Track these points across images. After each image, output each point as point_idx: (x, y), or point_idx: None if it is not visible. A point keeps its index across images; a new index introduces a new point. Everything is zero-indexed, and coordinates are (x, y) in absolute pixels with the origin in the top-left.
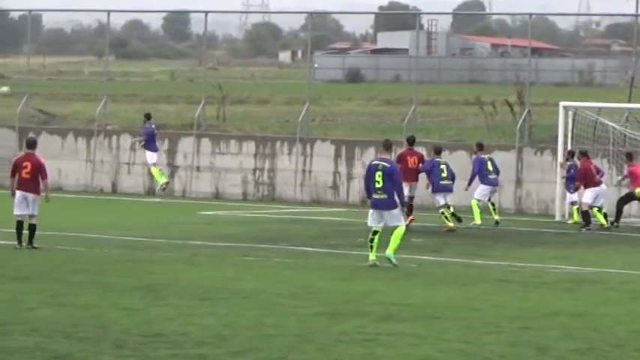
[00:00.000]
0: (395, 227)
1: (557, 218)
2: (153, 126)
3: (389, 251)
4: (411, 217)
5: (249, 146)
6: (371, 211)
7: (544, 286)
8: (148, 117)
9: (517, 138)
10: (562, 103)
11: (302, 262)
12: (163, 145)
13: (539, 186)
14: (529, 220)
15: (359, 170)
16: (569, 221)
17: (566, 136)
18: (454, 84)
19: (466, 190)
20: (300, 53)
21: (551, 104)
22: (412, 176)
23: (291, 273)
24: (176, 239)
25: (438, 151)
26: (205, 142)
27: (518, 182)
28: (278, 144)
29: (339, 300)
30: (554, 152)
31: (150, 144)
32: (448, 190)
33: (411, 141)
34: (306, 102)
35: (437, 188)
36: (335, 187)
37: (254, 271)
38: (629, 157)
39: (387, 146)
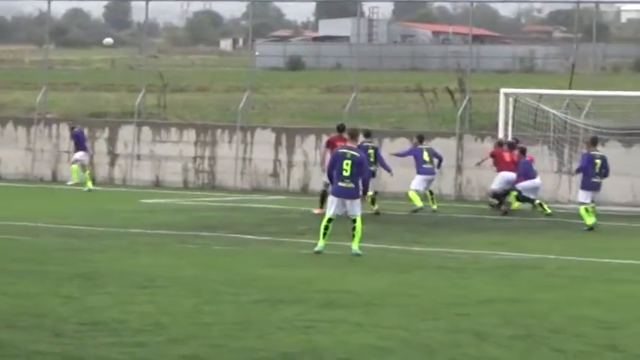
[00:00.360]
0: (355, 217)
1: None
2: (76, 129)
3: (355, 246)
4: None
5: (190, 134)
6: (334, 199)
7: (482, 273)
8: (72, 127)
9: (458, 125)
10: (503, 90)
11: (242, 249)
12: (104, 134)
13: (479, 173)
14: (469, 206)
15: (299, 158)
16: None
17: (506, 122)
18: (395, 71)
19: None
20: (241, 41)
21: (492, 91)
22: None
23: (231, 261)
24: (116, 227)
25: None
26: (146, 131)
27: (459, 169)
28: (218, 132)
29: (278, 287)
30: (495, 139)
31: (79, 146)
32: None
33: (341, 129)
34: (246, 90)
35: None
36: (275, 174)
37: (193, 259)
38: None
39: (353, 134)
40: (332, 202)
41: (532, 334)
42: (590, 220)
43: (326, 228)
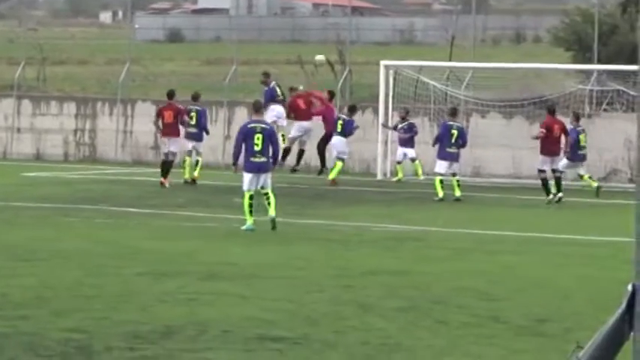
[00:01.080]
0: (266, 190)
1: (379, 177)
2: None
3: (273, 212)
4: None
5: (70, 107)
6: (248, 175)
7: (365, 245)
8: None
9: (338, 97)
10: (382, 62)
11: (124, 222)
12: None
13: (360, 145)
14: (351, 179)
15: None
16: (394, 179)
17: (387, 94)
18: (275, 43)
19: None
20: (120, 13)
21: (373, 63)
22: None
23: (113, 234)
24: None
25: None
26: (26, 104)
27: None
28: (99, 105)
29: (160, 260)
30: (376, 111)
31: None
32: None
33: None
34: (126, 62)
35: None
36: (156, 147)
37: (75, 231)
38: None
39: (257, 107)
40: (247, 177)
41: (416, 305)
42: (441, 192)
43: (250, 205)
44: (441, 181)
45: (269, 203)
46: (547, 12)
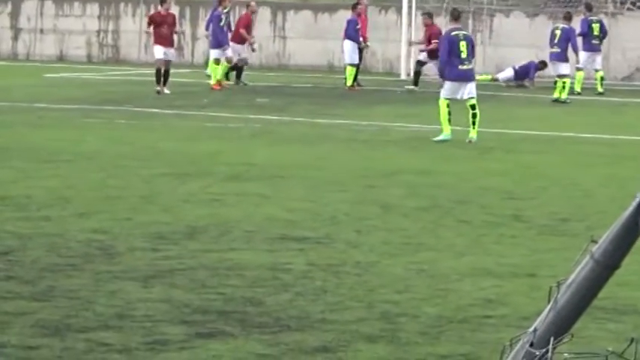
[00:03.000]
0: (472, 99)
1: (403, 77)
2: None
3: (474, 134)
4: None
5: (93, 8)
6: (452, 83)
7: (389, 145)
8: None
9: None
10: None
11: (147, 123)
12: (6, 8)
13: (384, 45)
14: (374, 79)
15: (203, 31)
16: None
17: None
18: None
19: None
20: None
21: None
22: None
23: (136, 134)
24: (20, 102)
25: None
26: (49, 5)
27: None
28: (122, 5)
29: (184, 161)
30: (399, 11)
31: None
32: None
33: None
34: None
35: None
36: (179, 48)
37: (98, 133)
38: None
39: (456, 16)
40: (450, 86)
41: (438, 205)
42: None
43: (449, 114)
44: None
45: (474, 122)
46: None
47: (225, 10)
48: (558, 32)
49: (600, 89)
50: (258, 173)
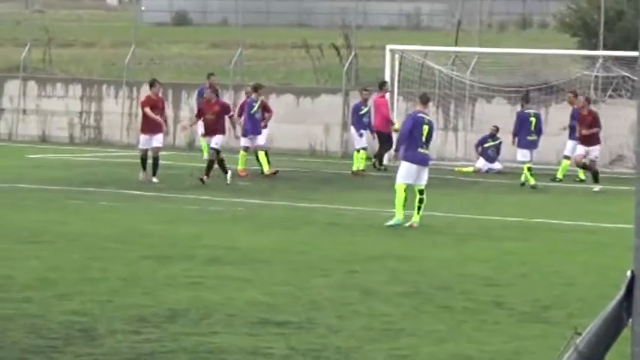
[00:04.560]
0: (422, 186)
1: (385, 162)
2: None
3: (417, 219)
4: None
5: (76, 89)
6: (411, 166)
7: (371, 230)
8: None
9: (344, 81)
10: (388, 47)
11: (129, 205)
12: None
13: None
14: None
15: (185, 114)
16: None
17: (393, 79)
18: (282, 27)
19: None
20: None
21: (379, 47)
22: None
23: (118, 217)
24: (2, 183)
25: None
26: (32, 85)
27: (345, 126)
28: (104, 87)
29: (165, 243)
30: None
31: None
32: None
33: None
34: (132, 45)
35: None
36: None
37: (81, 214)
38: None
39: (425, 100)
40: (408, 169)
41: (420, 291)
42: (532, 180)
43: (405, 199)
44: (529, 169)
45: (420, 207)
46: None
47: (260, 98)
48: (534, 120)
49: (582, 176)
50: (239, 257)
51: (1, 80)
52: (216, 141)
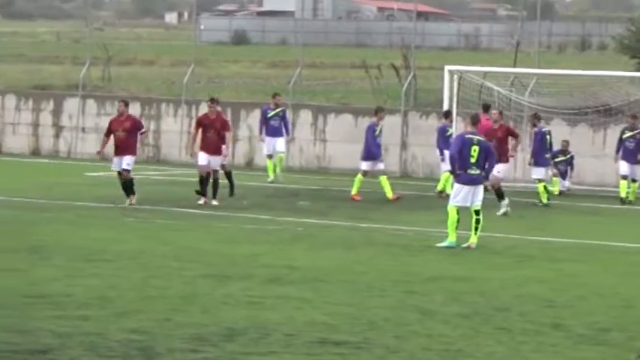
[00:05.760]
0: (477, 206)
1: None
2: None
3: (475, 240)
4: None
5: (135, 107)
6: (462, 187)
7: (429, 250)
8: None
9: (402, 101)
10: (447, 67)
11: (186, 224)
12: (48, 106)
13: (424, 149)
14: (414, 184)
15: (244, 133)
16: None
17: (451, 99)
18: (340, 47)
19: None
20: (186, 15)
21: (437, 68)
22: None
23: (176, 235)
24: (61, 200)
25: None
26: (90, 103)
27: (404, 146)
28: (163, 105)
29: (224, 262)
30: (440, 116)
31: None
32: None
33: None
34: (191, 64)
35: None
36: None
37: (139, 232)
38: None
39: (475, 121)
40: (459, 190)
41: (478, 312)
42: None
43: (458, 221)
44: (545, 187)
45: (477, 228)
46: (612, 19)
47: (381, 122)
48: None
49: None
50: (298, 276)
51: (60, 98)
52: (128, 162)
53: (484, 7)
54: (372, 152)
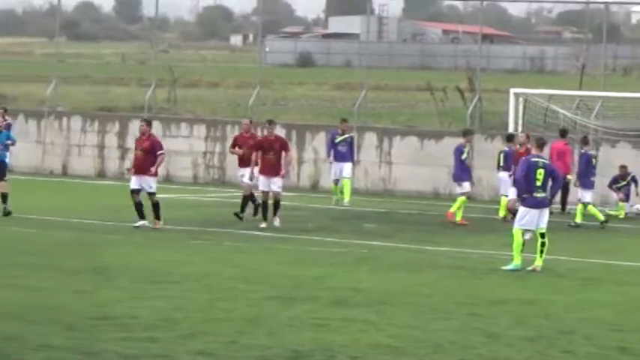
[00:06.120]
0: (543, 229)
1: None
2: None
3: (540, 263)
4: None
5: (200, 129)
6: (527, 211)
7: (494, 273)
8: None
9: (468, 124)
10: (513, 90)
11: (252, 246)
12: (114, 128)
13: (490, 172)
14: (480, 206)
15: (309, 155)
16: None
17: (516, 122)
18: (405, 70)
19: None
20: (251, 37)
21: (502, 91)
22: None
23: (242, 257)
24: (126, 222)
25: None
26: (156, 125)
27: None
28: (229, 127)
29: (289, 284)
30: (504, 139)
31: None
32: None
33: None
34: (256, 86)
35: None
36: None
37: (205, 254)
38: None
39: (541, 144)
40: (525, 213)
41: (543, 335)
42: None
43: (523, 244)
44: (588, 208)
45: (542, 251)
46: None
47: (469, 144)
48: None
49: None
50: (363, 299)
51: (125, 120)
52: (150, 184)
53: (549, 30)
54: (457, 174)
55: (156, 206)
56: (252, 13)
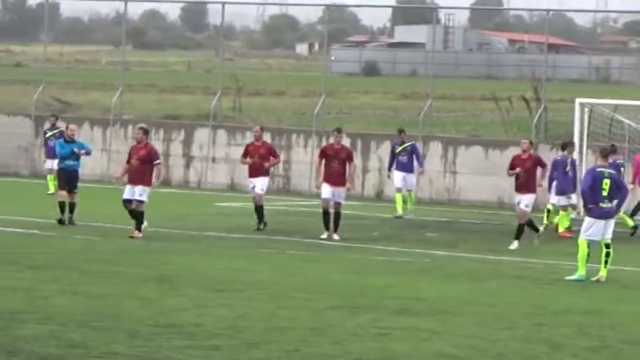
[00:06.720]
0: (608, 240)
1: (573, 215)
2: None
3: (604, 273)
4: None
5: (265, 138)
6: (593, 221)
7: (558, 283)
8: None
9: (533, 134)
10: (578, 100)
11: (317, 254)
12: (179, 136)
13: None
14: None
15: (374, 164)
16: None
17: (582, 132)
18: (471, 79)
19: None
20: (317, 46)
21: (568, 101)
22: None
23: (306, 265)
24: (191, 230)
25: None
26: (221, 133)
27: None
28: (294, 136)
29: (353, 293)
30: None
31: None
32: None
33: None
34: (322, 94)
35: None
36: (350, 180)
37: (269, 263)
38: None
39: (605, 154)
40: (591, 224)
41: (608, 345)
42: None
43: (588, 254)
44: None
45: (607, 261)
46: None
47: (570, 156)
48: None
49: None
50: (426, 308)
51: (191, 128)
52: (140, 192)
53: (615, 40)
54: (562, 186)
55: (140, 215)
56: (317, 21)
